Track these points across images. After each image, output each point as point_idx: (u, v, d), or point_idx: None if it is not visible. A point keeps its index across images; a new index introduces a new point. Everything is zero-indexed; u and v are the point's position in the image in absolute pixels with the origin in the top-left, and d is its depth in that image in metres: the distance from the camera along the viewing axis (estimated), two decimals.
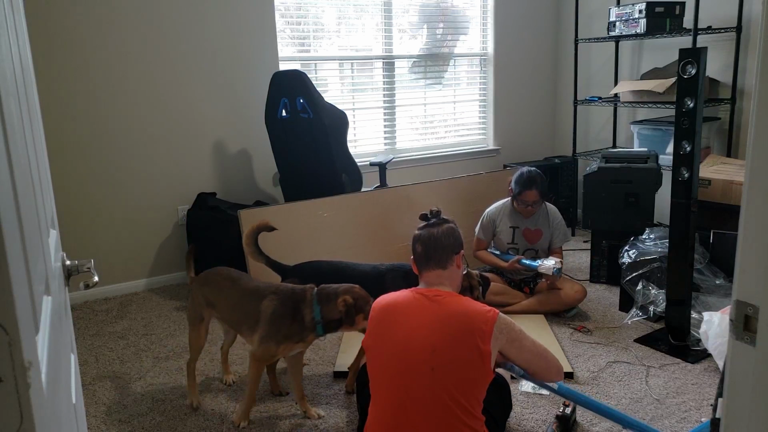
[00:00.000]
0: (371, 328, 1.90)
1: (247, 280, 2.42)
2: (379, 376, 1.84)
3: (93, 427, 2.40)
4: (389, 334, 1.83)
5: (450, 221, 2.03)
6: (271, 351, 2.26)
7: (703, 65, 2.64)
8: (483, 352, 1.73)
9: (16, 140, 0.82)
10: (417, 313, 1.82)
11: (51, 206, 1.33)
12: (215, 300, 2.43)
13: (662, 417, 2.35)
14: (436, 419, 1.72)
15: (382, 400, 1.81)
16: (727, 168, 3.58)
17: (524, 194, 3.30)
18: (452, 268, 1.95)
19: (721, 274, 3.30)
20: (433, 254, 1.93)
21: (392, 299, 1.92)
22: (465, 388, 1.73)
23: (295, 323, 2.22)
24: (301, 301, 2.24)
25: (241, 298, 2.35)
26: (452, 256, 1.95)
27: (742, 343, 0.87)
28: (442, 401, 1.72)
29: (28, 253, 0.77)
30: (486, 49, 5.02)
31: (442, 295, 1.85)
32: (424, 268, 1.96)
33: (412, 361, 1.76)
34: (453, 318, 1.78)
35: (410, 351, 1.77)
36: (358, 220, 3.66)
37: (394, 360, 1.79)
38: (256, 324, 2.27)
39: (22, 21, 1.22)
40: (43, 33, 3.38)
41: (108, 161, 3.68)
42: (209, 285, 2.45)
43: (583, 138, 5.04)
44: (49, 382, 0.77)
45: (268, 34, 4.03)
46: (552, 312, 3.28)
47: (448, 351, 1.74)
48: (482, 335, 1.74)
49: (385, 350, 1.83)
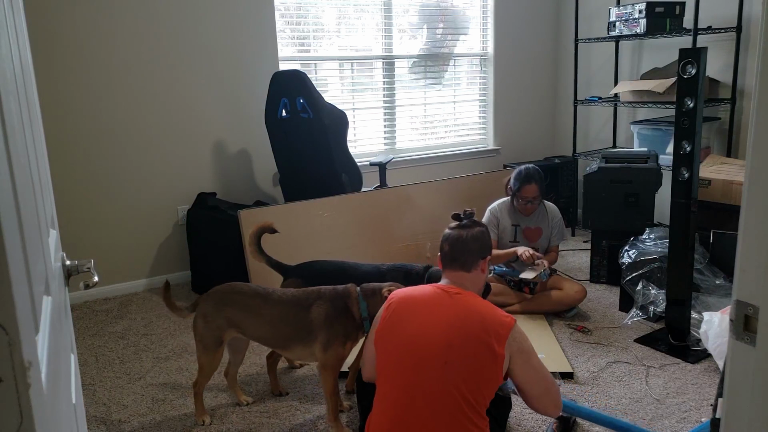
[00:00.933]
0: (386, 318, 1.90)
1: (280, 293, 2.29)
2: (389, 367, 1.84)
3: (93, 427, 2.40)
4: (404, 326, 1.84)
5: (481, 225, 2.04)
6: (340, 354, 2.20)
7: (703, 65, 2.64)
8: (497, 354, 1.75)
9: (16, 140, 0.82)
10: (436, 308, 1.84)
11: (51, 206, 1.33)
12: (243, 320, 2.27)
13: (662, 417, 2.35)
14: (444, 414, 1.73)
15: (391, 391, 1.82)
16: (727, 168, 3.58)
17: (524, 189, 3.30)
18: (476, 272, 1.97)
19: (721, 274, 3.30)
20: (458, 256, 1.95)
21: (412, 292, 1.93)
22: (475, 386, 1.75)
23: (349, 321, 2.21)
24: (347, 299, 2.23)
25: (283, 312, 2.23)
26: (478, 260, 1.96)
27: (742, 343, 0.87)
28: (452, 396, 1.73)
29: (28, 253, 0.77)
30: (486, 49, 5.02)
31: (462, 294, 1.87)
32: (448, 267, 1.98)
33: (426, 354, 1.77)
34: (471, 317, 1.80)
35: (425, 344, 1.78)
36: (358, 220, 3.66)
37: (408, 352, 1.81)
38: (310, 334, 2.20)
39: (22, 21, 1.22)
40: (43, 33, 3.38)
41: (108, 161, 3.68)
42: (233, 305, 2.27)
43: (583, 138, 5.04)
44: (49, 382, 0.77)
45: (268, 34, 4.03)
46: (552, 312, 3.28)
47: (463, 348, 1.76)
48: (498, 338, 1.77)
49: (398, 341, 1.84)
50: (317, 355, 2.22)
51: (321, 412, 2.44)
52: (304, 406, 2.50)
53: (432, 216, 3.88)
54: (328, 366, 2.21)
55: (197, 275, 3.81)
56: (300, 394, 2.59)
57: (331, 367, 2.21)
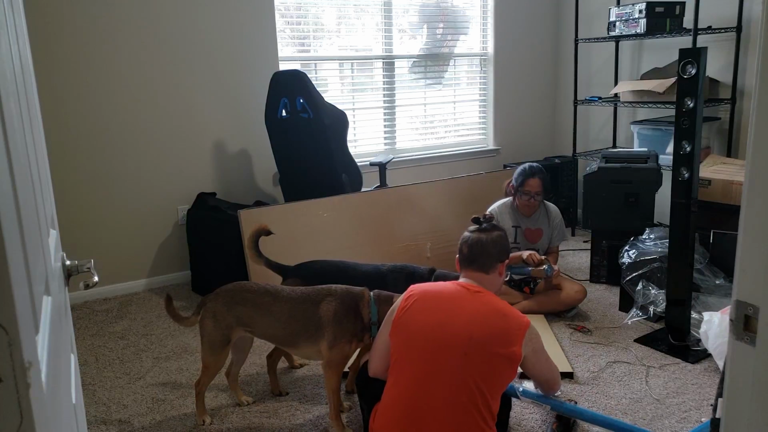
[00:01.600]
0: (405, 309, 1.93)
1: (288, 290, 2.30)
2: (405, 356, 1.87)
3: (93, 427, 2.40)
4: (425, 316, 1.89)
5: (500, 229, 2.11)
6: (345, 351, 2.21)
7: (703, 65, 2.64)
8: (515, 353, 1.83)
9: (16, 140, 0.82)
10: (459, 302, 1.91)
11: (51, 206, 1.33)
12: (252, 318, 2.27)
13: (662, 417, 2.35)
14: (457, 405, 1.76)
15: (405, 379, 1.84)
16: (727, 168, 3.58)
17: (527, 183, 3.29)
18: (494, 275, 2.04)
19: (721, 274, 3.30)
20: (477, 258, 2.02)
21: (434, 287, 1.99)
22: (490, 380, 1.80)
23: (358, 321, 2.22)
24: (359, 300, 2.23)
25: (292, 309, 2.24)
26: (496, 263, 2.04)
27: (742, 343, 0.87)
28: (468, 387, 1.77)
29: (28, 253, 0.77)
30: (486, 49, 5.02)
31: (483, 293, 1.95)
32: (467, 268, 2.05)
33: (447, 343, 1.82)
34: (492, 315, 1.87)
35: (447, 333, 1.83)
36: (358, 220, 3.66)
37: (428, 340, 1.84)
38: (318, 330, 2.20)
39: (22, 21, 1.22)
40: (43, 33, 3.38)
41: (108, 161, 3.68)
42: (243, 304, 2.27)
43: (583, 138, 5.04)
44: (49, 382, 0.77)
45: (268, 34, 4.03)
46: (552, 312, 3.28)
47: (483, 343, 1.81)
48: (516, 338, 1.84)
49: (418, 330, 1.87)
50: (323, 353, 2.23)
51: (321, 412, 2.45)
52: (304, 406, 2.50)
53: (432, 216, 3.88)
54: (333, 363, 2.22)
55: (197, 275, 3.81)
56: (300, 394, 2.59)
57: (336, 364, 2.23)
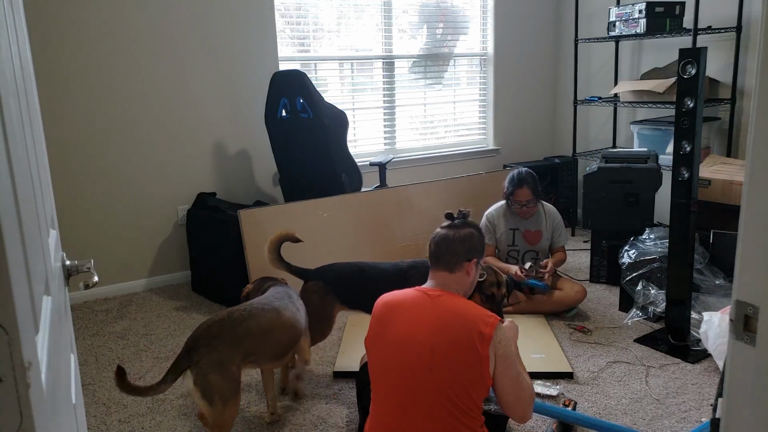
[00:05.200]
0: (373, 325, 1.89)
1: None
2: (380, 374, 1.83)
3: (93, 427, 2.40)
4: (390, 332, 1.82)
5: (472, 226, 1.97)
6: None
7: (703, 65, 2.64)
8: (481, 356, 1.70)
9: (16, 140, 0.82)
10: (418, 312, 1.81)
11: (51, 206, 1.33)
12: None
13: (662, 417, 2.35)
14: (436, 419, 1.72)
15: (384, 398, 1.81)
16: (727, 168, 3.58)
17: (516, 193, 3.31)
18: (460, 274, 1.90)
19: (721, 274, 3.30)
20: (441, 256, 1.90)
21: (395, 296, 1.90)
22: (461, 389, 1.71)
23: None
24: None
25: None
26: (463, 262, 1.89)
27: (742, 343, 0.87)
28: (440, 401, 1.71)
29: (28, 253, 0.77)
30: (486, 49, 5.02)
31: (444, 296, 1.83)
32: (433, 267, 1.94)
33: (411, 360, 1.75)
34: (453, 319, 1.76)
35: (409, 350, 1.76)
36: (358, 220, 3.66)
37: (394, 358, 1.79)
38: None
39: (22, 21, 1.22)
40: (43, 33, 3.38)
41: (108, 161, 3.68)
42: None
43: (583, 138, 5.04)
44: (49, 382, 0.77)
45: (268, 34, 4.03)
46: (552, 312, 3.28)
47: (446, 352, 1.72)
48: (481, 338, 1.71)
49: (385, 348, 1.82)
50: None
51: (321, 412, 2.44)
52: (304, 406, 2.50)
53: (432, 216, 3.88)
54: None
55: (197, 275, 3.81)
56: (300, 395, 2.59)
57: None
